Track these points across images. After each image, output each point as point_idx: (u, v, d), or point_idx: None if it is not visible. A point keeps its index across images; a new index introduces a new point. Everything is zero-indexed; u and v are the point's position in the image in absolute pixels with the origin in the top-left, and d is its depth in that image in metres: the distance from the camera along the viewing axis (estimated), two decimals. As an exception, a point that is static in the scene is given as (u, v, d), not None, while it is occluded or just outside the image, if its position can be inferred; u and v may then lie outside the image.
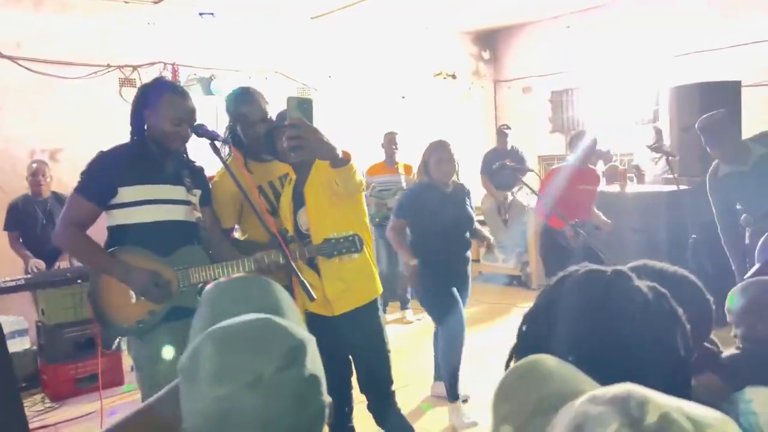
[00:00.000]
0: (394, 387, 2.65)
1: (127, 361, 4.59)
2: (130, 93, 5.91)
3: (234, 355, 0.76)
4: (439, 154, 3.54)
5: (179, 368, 0.81)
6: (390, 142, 5.89)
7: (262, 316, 0.84)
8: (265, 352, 0.76)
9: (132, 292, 2.26)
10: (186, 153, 2.44)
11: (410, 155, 6.45)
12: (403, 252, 3.64)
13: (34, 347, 4.53)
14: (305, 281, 2.16)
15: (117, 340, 2.68)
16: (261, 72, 6.54)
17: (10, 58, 5.39)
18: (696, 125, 3.75)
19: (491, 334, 5.15)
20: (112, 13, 5.88)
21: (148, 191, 2.29)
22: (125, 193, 2.27)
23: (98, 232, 2.36)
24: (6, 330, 4.19)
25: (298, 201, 2.49)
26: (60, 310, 4.28)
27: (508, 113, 8.73)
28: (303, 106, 1.93)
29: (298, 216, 2.52)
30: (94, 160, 2.32)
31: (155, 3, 6.00)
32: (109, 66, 5.85)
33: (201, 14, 6.20)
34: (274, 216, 2.62)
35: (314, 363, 0.82)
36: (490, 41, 8.90)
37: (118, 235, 2.31)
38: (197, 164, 2.54)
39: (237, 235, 2.86)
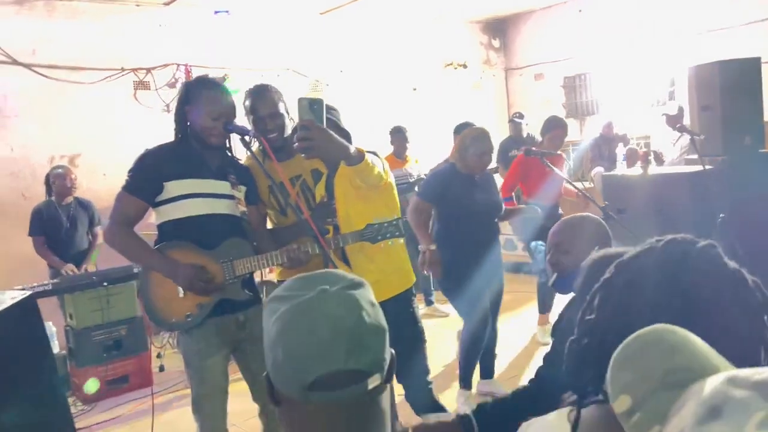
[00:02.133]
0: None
1: (155, 363, 4.62)
2: (145, 95, 5.98)
3: (303, 281, 0.89)
4: (483, 146, 3.42)
5: (265, 305, 0.89)
6: (402, 138, 5.88)
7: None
8: (329, 282, 0.87)
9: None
10: (231, 150, 2.44)
11: (422, 148, 6.44)
12: (420, 234, 3.39)
13: (64, 351, 4.56)
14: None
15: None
16: (273, 69, 6.52)
17: (25, 65, 5.41)
18: None
19: (518, 323, 5.12)
20: (124, 17, 5.89)
21: (193, 185, 2.31)
22: (170, 188, 2.29)
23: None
24: (36, 335, 4.25)
25: (331, 194, 2.48)
26: (87, 313, 4.31)
27: (520, 101, 8.67)
28: (314, 107, 1.95)
29: None
30: (140, 157, 2.36)
31: (166, 4, 6.01)
32: (123, 69, 5.87)
33: (216, 12, 6.20)
34: (283, 215, 2.60)
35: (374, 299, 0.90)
36: (499, 29, 8.83)
37: (167, 231, 2.34)
38: (243, 163, 2.55)
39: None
